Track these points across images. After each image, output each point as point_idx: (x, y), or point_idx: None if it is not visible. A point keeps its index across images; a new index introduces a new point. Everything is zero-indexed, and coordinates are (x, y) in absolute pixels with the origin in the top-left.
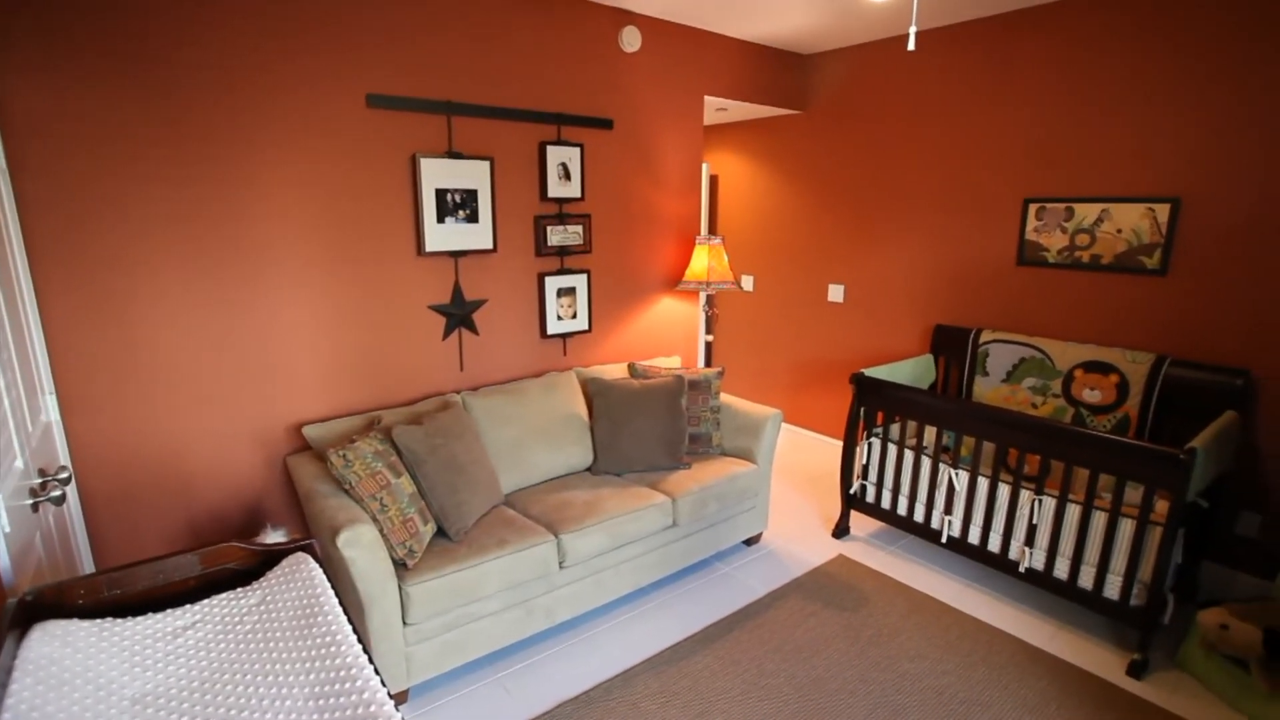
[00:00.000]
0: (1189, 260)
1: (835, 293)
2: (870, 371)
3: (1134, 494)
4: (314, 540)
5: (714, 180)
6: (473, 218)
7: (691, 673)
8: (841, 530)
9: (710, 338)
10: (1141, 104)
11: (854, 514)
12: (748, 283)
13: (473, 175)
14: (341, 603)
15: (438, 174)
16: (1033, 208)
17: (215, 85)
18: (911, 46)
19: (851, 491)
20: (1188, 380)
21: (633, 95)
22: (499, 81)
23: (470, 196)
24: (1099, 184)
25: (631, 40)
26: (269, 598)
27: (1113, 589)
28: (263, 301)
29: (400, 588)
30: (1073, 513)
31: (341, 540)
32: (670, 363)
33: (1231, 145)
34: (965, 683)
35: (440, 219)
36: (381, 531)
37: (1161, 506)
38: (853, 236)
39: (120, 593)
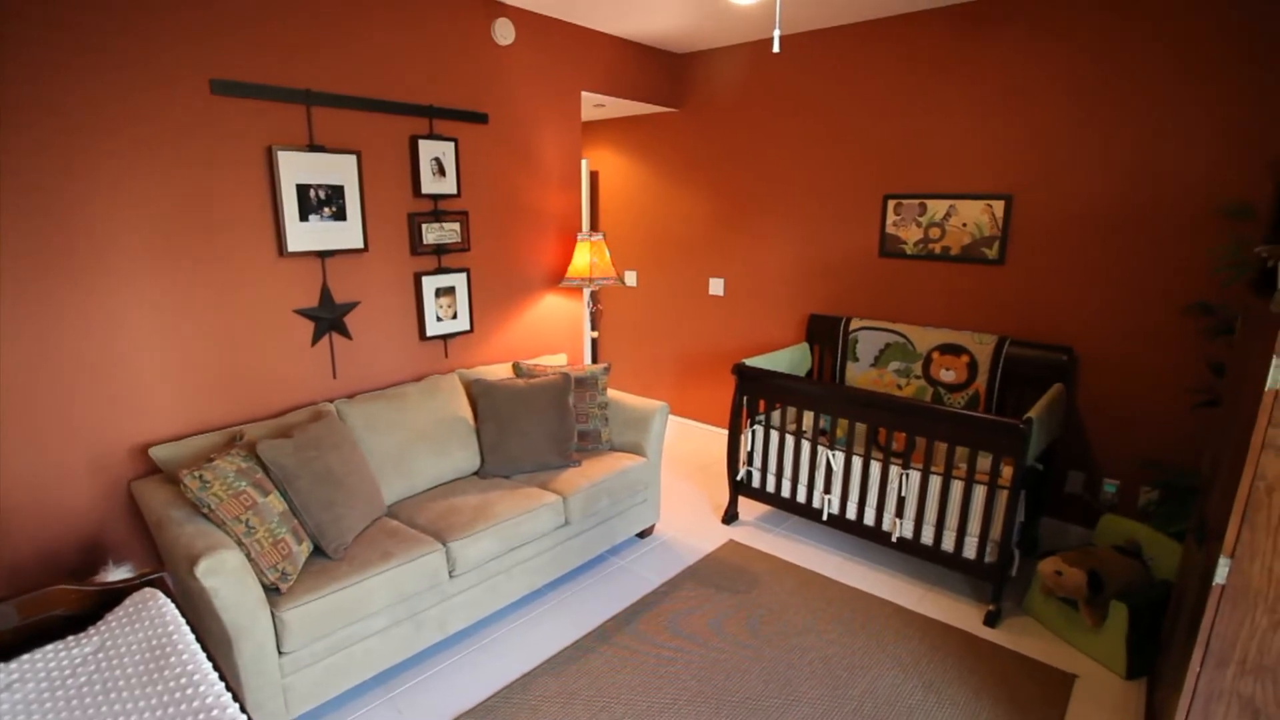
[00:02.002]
0: (1021, 251)
1: (716, 286)
2: (751, 361)
3: (984, 462)
4: (165, 573)
5: (594, 176)
6: (340, 215)
7: (591, 670)
8: (731, 516)
9: (596, 334)
10: (978, 111)
11: (742, 499)
12: (631, 278)
13: (338, 170)
14: (202, 639)
15: (298, 168)
16: (891, 203)
17: (29, 58)
18: (776, 49)
19: (738, 478)
20: (1024, 358)
21: (508, 89)
22: (365, 71)
23: (336, 193)
24: (947, 182)
25: (505, 33)
26: (109, 643)
27: (970, 549)
28: (94, 305)
29: (273, 614)
30: (935, 483)
31: (201, 569)
32: (556, 361)
33: (1052, 149)
34: (848, 649)
35: (303, 217)
36: (249, 556)
37: (1007, 472)
38: (731, 231)
39: None
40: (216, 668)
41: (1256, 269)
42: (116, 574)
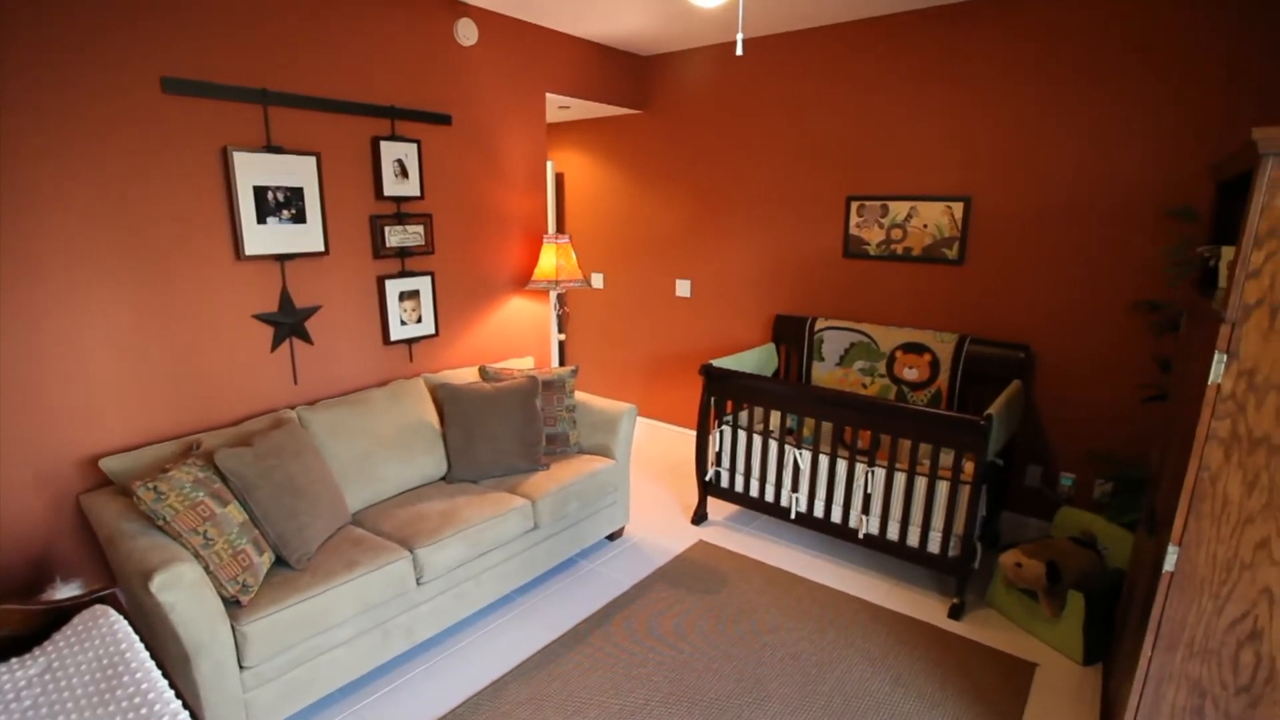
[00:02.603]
0: (980, 251)
1: (683, 288)
2: (718, 362)
3: (947, 458)
4: (117, 589)
5: (560, 178)
6: (299, 218)
7: (562, 674)
8: (700, 517)
9: (563, 337)
10: (938, 115)
11: (711, 500)
12: (598, 280)
13: (297, 172)
14: (158, 656)
15: (255, 170)
16: (854, 205)
17: None
18: (740, 52)
19: (707, 479)
20: (984, 356)
21: (472, 90)
22: (324, 70)
23: (295, 195)
24: (908, 184)
25: (468, 33)
26: (56, 664)
27: (934, 544)
28: (37, 311)
29: (234, 628)
30: (899, 480)
31: (156, 584)
32: (523, 364)
33: (1008, 153)
34: (817, 646)
35: (261, 219)
36: (207, 568)
37: (969, 467)
38: (698, 233)
39: None
40: (173, 686)
41: (1199, 268)
42: (65, 591)
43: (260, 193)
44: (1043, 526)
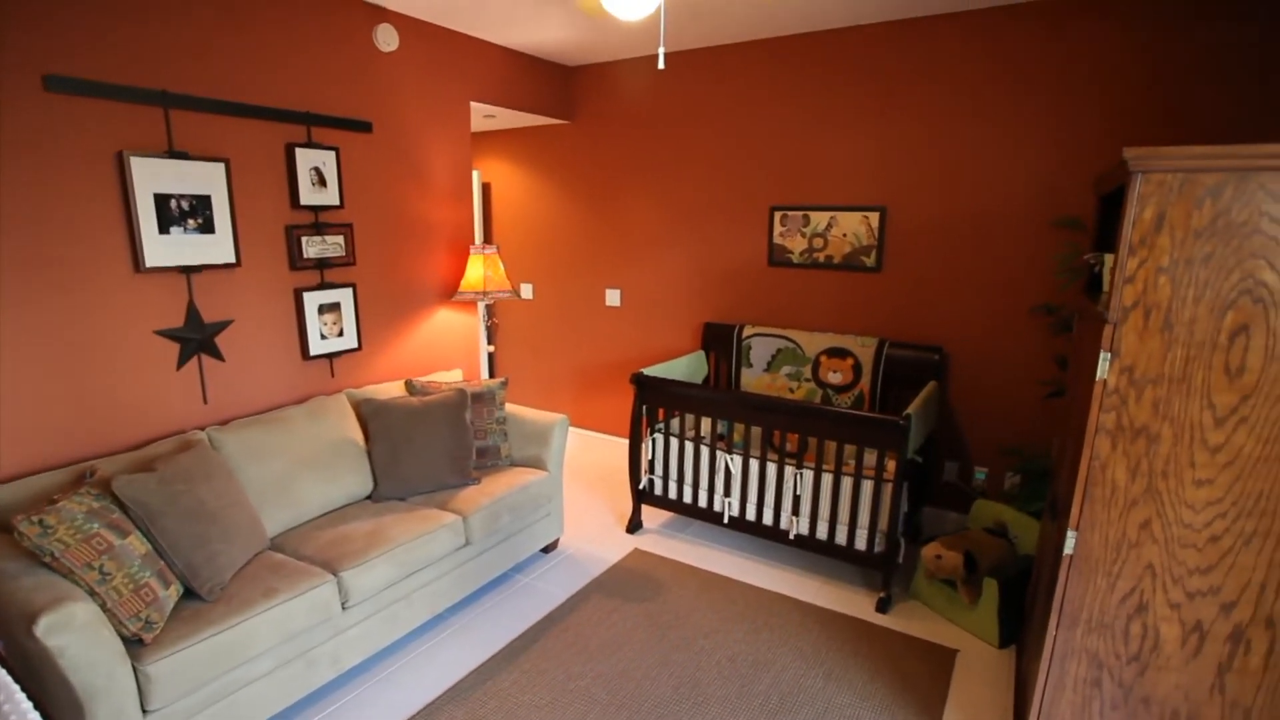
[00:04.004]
0: (895, 259)
1: (612, 297)
2: (649, 371)
3: (870, 458)
4: None
5: (486, 188)
6: (207, 228)
7: (498, 692)
8: (635, 525)
9: (492, 348)
10: (854, 130)
11: (645, 507)
12: (527, 291)
13: (204, 179)
14: (44, 706)
15: (156, 176)
16: (778, 215)
17: None
18: (661, 65)
19: (641, 487)
20: (902, 358)
21: (393, 97)
22: (232, 73)
23: (202, 203)
24: (828, 194)
25: (388, 39)
26: None
27: (860, 541)
28: None
29: (135, 669)
30: (826, 481)
31: (42, 627)
32: (451, 377)
33: (918, 166)
34: (753, 647)
35: (164, 229)
36: (104, 606)
37: (891, 466)
38: (626, 243)
39: None
40: None
41: (1086, 274)
42: None
43: (162, 201)
44: (960, 519)
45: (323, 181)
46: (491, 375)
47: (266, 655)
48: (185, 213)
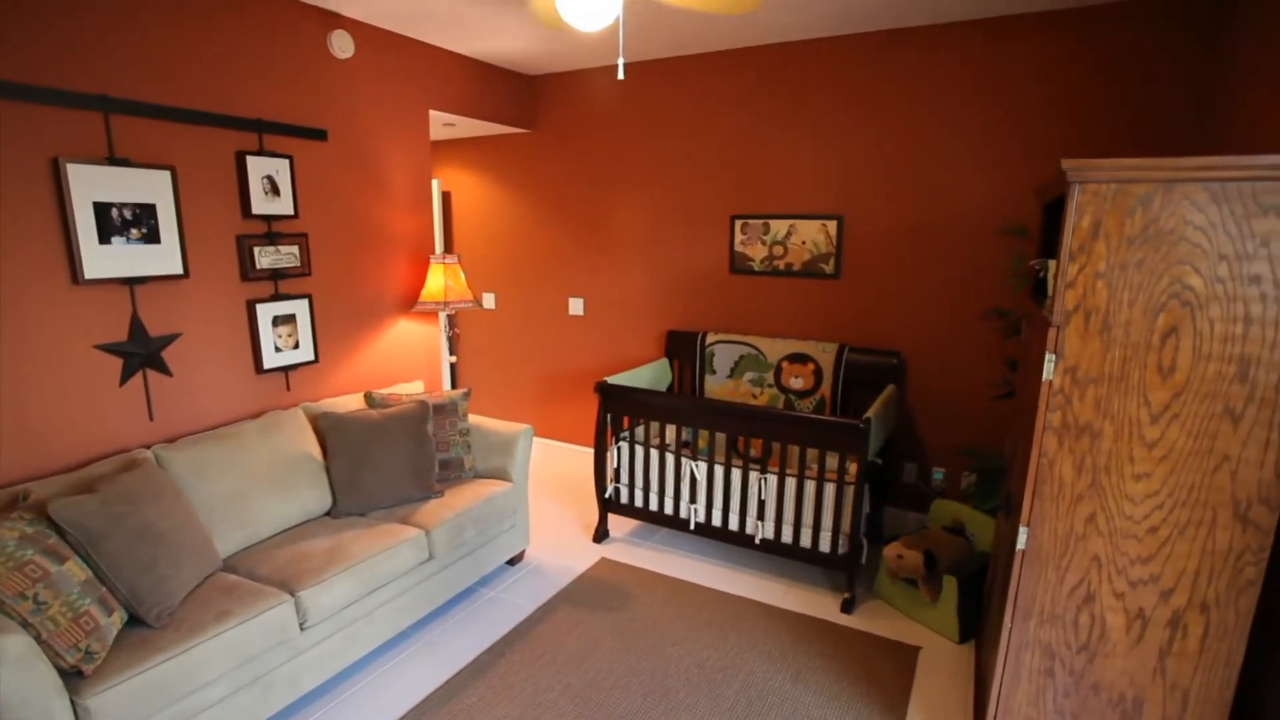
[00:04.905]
0: (853, 266)
1: (576, 306)
2: (613, 379)
3: (832, 461)
4: None
5: (447, 197)
6: (151, 237)
7: (465, 709)
8: (601, 534)
9: (454, 359)
10: (812, 140)
11: (611, 516)
12: (489, 301)
13: (148, 187)
14: None
15: (96, 184)
16: (738, 223)
17: None
18: (621, 76)
19: (606, 495)
20: (862, 363)
21: (349, 105)
22: (179, 78)
23: (146, 212)
24: (787, 203)
25: (343, 46)
26: None
27: (825, 543)
28: None
29: (74, 703)
30: (790, 485)
31: None
32: (412, 388)
33: (874, 175)
34: (721, 652)
35: (105, 239)
36: (39, 638)
37: (852, 468)
38: (589, 251)
39: None
40: None
41: (1032, 279)
42: None
43: (103, 210)
44: (920, 519)
45: (276, 190)
46: (454, 386)
47: (220, 681)
48: (128, 222)
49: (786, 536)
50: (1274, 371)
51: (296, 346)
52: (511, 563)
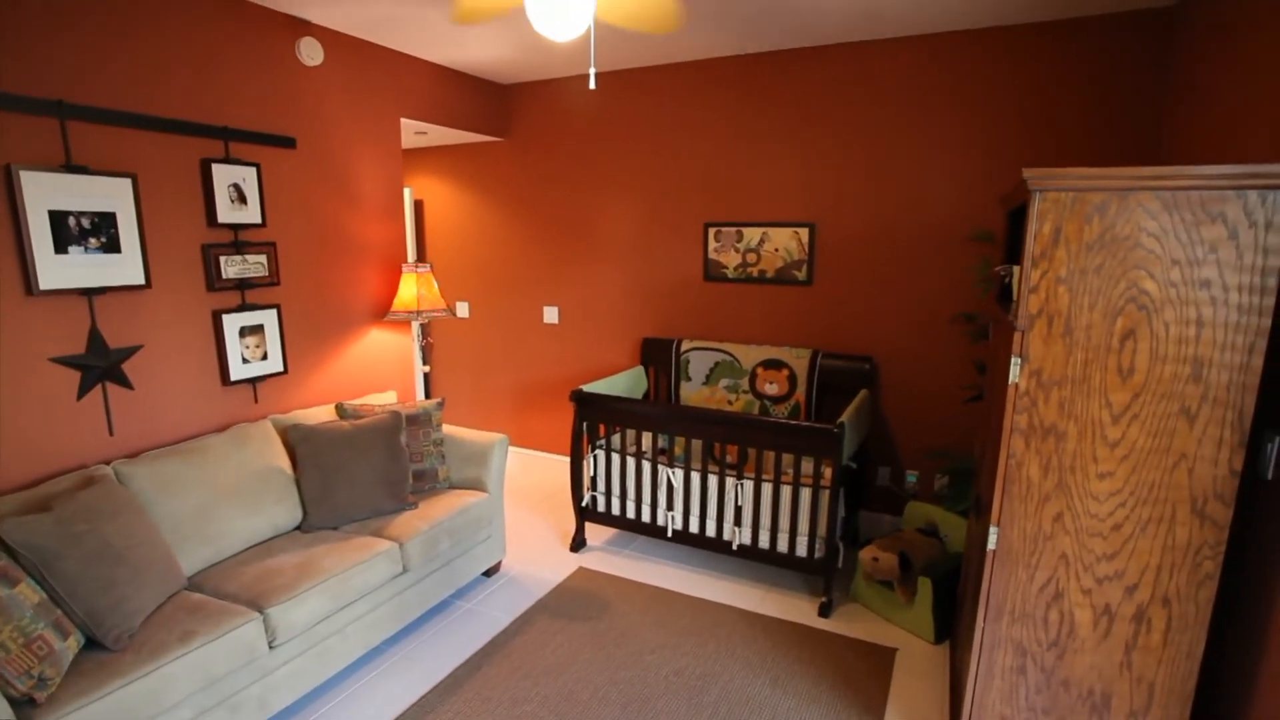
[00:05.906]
0: (826, 272)
1: (550, 314)
2: (588, 387)
3: (808, 466)
4: None
5: (419, 205)
6: (111, 247)
7: None
8: (578, 543)
9: (428, 368)
10: (784, 149)
11: (588, 525)
12: (463, 309)
13: (107, 195)
14: None
15: (51, 192)
16: (712, 231)
17: None
18: (593, 85)
19: (583, 504)
20: (835, 368)
21: (319, 113)
22: (140, 84)
23: (105, 221)
24: (760, 211)
25: (312, 53)
26: None
27: (801, 548)
28: None
29: None
30: (766, 490)
31: None
32: (385, 399)
33: (845, 184)
34: (699, 659)
35: (61, 248)
36: None
37: (827, 473)
38: (564, 260)
39: None
40: None
41: (999, 284)
42: None
43: (59, 218)
44: (895, 521)
45: (243, 199)
46: (427, 396)
47: (184, 705)
48: (86, 231)
49: (763, 542)
50: (1225, 372)
51: (265, 357)
52: (488, 574)
